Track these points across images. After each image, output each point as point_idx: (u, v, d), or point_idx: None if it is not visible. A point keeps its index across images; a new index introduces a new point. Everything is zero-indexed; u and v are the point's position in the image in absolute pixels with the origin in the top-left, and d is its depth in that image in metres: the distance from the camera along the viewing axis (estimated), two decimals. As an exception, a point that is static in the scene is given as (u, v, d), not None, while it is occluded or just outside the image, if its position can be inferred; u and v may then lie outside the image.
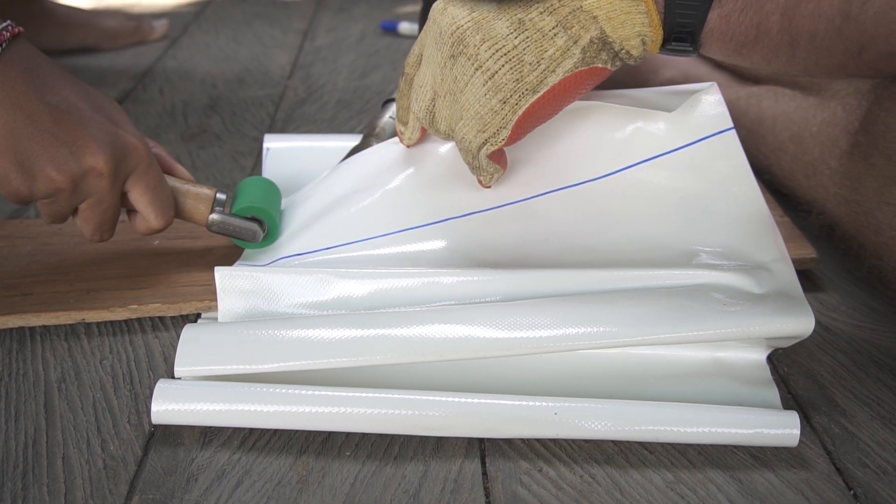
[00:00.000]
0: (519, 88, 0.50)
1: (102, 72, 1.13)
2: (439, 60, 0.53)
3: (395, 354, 0.51)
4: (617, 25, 0.49)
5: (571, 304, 0.53)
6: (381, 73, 1.14)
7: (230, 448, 0.49)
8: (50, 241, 0.67)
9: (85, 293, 0.61)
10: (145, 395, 0.53)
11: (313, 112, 1.00)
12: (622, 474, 0.48)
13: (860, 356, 0.58)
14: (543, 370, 0.54)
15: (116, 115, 0.58)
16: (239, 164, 0.86)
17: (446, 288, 0.56)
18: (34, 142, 0.52)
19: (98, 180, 0.55)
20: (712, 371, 0.55)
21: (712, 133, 0.58)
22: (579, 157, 0.59)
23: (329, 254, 0.61)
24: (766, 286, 0.54)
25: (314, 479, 0.47)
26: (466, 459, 0.49)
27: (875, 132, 0.54)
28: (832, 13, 0.46)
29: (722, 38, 0.49)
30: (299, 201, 0.66)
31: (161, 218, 0.60)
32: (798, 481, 0.48)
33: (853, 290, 0.65)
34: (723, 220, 0.58)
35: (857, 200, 0.56)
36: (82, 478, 0.47)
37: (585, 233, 0.59)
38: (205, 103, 1.02)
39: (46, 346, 0.58)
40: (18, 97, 0.52)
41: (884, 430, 0.51)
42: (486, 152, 0.53)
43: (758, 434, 0.48)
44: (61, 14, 1.17)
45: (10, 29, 0.52)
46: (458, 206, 0.60)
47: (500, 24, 0.50)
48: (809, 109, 0.67)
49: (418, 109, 0.56)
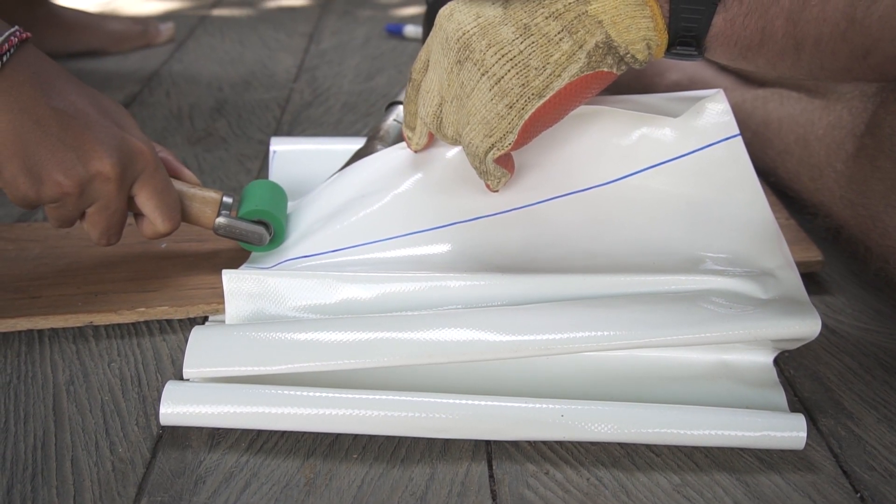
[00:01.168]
0: (525, 93, 0.51)
1: (108, 75, 1.13)
2: (446, 66, 0.53)
3: (403, 356, 0.51)
4: (622, 30, 0.49)
5: (578, 308, 0.53)
6: (386, 75, 1.14)
7: (238, 450, 0.50)
8: (58, 244, 0.67)
9: (93, 296, 0.61)
10: (153, 397, 0.54)
11: (319, 115, 1.00)
12: (629, 477, 0.48)
13: (867, 359, 0.58)
14: (550, 373, 0.54)
15: (123, 120, 0.58)
16: (245, 167, 0.86)
17: (453, 292, 0.56)
18: (42, 146, 0.53)
19: (105, 185, 0.55)
20: (719, 373, 0.55)
21: (718, 140, 0.58)
22: (585, 163, 0.59)
23: (336, 256, 0.61)
24: (771, 292, 0.54)
25: (321, 481, 0.48)
26: (473, 462, 0.49)
27: (881, 135, 0.54)
28: (837, 17, 0.46)
29: (727, 42, 0.49)
30: (306, 205, 0.67)
31: (168, 222, 0.60)
32: (805, 484, 0.48)
33: (859, 293, 0.65)
34: (728, 227, 0.58)
35: (863, 203, 0.56)
36: (91, 480, 0.47)
37: (591, 238, 0.59)
38: (211, 106, 1.02)
39: (55, 348, 0.58)
40: (26, 102, 0.52)
41: (891, 433, 0.51)
42: (492, 157, 0.53)
43: (764, 437, 0.49)
44: (68, 18, 1.18)
45: (18, 34, 0.53)
46: (466, 211, 0.61)
47: (506, 29, 0.50)
48: (815, 112, 0.67)
49: (426, 115, 0.56)
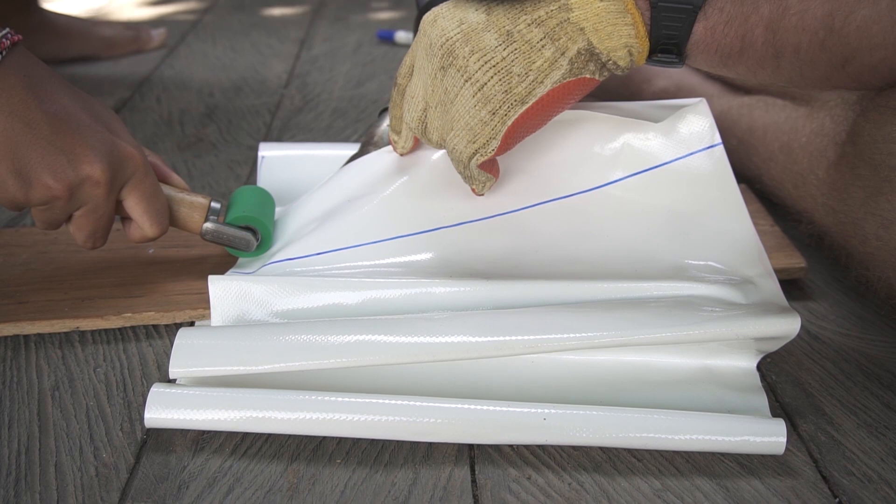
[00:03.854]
0: (508, 100, 0.51)
1: (100, 80, 1.13)
2: (430, 72, 0.53)
3: (388, 355, 0.51)
4: (604, 37, 0.49)
5: (561, 309, 0.53)
6: (376, 81, 1.15)
7: (221, 455, 0.50)
8: (45, 249, 0.67)
9: (79, 301, 0.61)
10: (138, 402, 0.54)
11: (309, 121, 1.01)
12: (610, 482, 0.48)
13: (848, 365, 0.58)
14: (533, 377, 0.54)
15: (114, 125, 0.58)
16: (234, 173, 0.86)
17: (436, 297, 0.57)
18: (32, 149, 0.53)
19: (94, 189, 0.56)
20: (702, 378, 0.55)
21: (700, 148, 0.58)
22: (569, 170, 0.60)
23: (320, 258, 0.61)
24: (751, 298, 0.55)
25: (305, 486, 0.48)
26: (456, 467, 0.49)
27: (861, 143, 0.54)
28: (816, 26, 0.47)
29: (707, 49, 0.50)
30: (293, 210, 0.67)
31: (156, 226, 0.60)
32: (784, 489, 0.48)
33: (842, 299, 0.65)
34: (709, 235, 0.58)
35: (843, 211, 0.56)
36: (74, 485, 0.47)
37: (574, 244, 0.59)
38: (201, 112, 1.03)
39: (41, 353, 0.58)
40: (17, 105, 0.52)
41: (870, 439, 0.52)
42: (476, 162, 0.54)
43: (744, 442, 0.49)
44: (60, 23, 1.18)
45: (9, 37, 0.53)
46: (450, 216, 0.61)
47: (489, 36, 0.51)
48: (799, 120, 0.67)
49: (410, 119, 0.56)
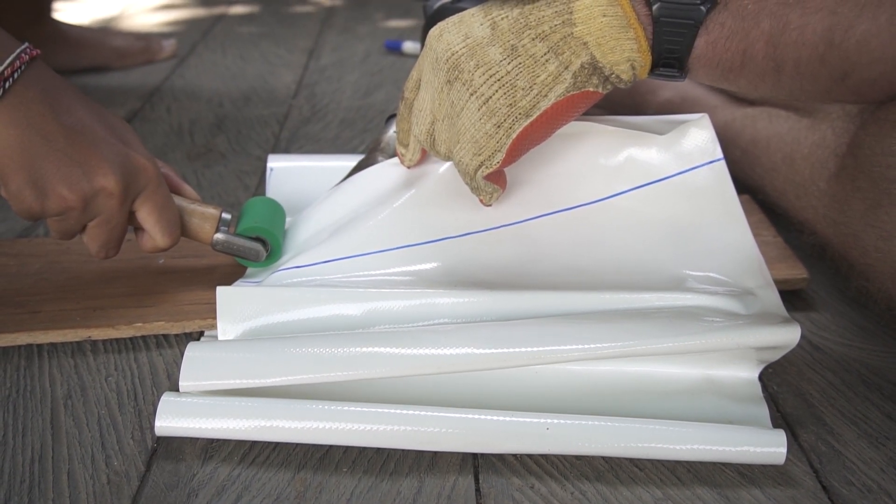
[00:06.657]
0: (512, 113, 0.52)
1: (111, 91, 1.15)
2: (436, 85, 0.54)
3: (394, 367, 0.52)
4: (606, 51, 0.50)
5: (564, 321, 0.54)
6: (384, 91, 1.16)
7: (230, 463, 0.51)
8: (58, 259, 0.69)
9: (91, 311, 0.62)
10: (149, 411, 0.55)
11: (317, 131, 1.02)
12: (612, 491, 0.49)
13: (849, 375, 0.59)
14: (537, 387, 0.55)
15: (128, 136, 0.59)
16: (244, 183, 0.87)
17: (441, 308, 0.58)
18: (48, 161, 0.54)
19: (108, 200, 0.57)
20: (704, 389, 0.55)
21: (703, 163, 0.59)
22: (573, 182, 0.61)
23: (327, 266, 0.62)
24: (752, 309, 0.56)
25: (312, 494, 0.49)
26: (460, 476, 0.50)
27: (861, 156, 0.55)
28: (816, 41, 0.47)
29: (709, 63, 0.50)
30: (302, 220, 0.68)
31: (167, 237, 0.61)
32: (785, 499, 0.48)
33: (844, 310, 0.66)
34: (710, 247, 0.59)
35: (844, 222, 0.57)
36: (86, 493, 0.48)
37: (577, 255, 0.60)
38: (211, 122, 1.04)
39: (53, 363, 0.59)
40: (35, 118, 0.54)
41: (870, 449, 0.52)
42: (482, 174, 0.54)
43: (745, 452, 0.49)
44: (72, 34, 1.20)
45: (28, 52, 0.54)
46: (456, 226, 0.62)
47: (494, 50, 0.52)
48: (801, 131, 0.68)
49: (419, 133, 0.57)
